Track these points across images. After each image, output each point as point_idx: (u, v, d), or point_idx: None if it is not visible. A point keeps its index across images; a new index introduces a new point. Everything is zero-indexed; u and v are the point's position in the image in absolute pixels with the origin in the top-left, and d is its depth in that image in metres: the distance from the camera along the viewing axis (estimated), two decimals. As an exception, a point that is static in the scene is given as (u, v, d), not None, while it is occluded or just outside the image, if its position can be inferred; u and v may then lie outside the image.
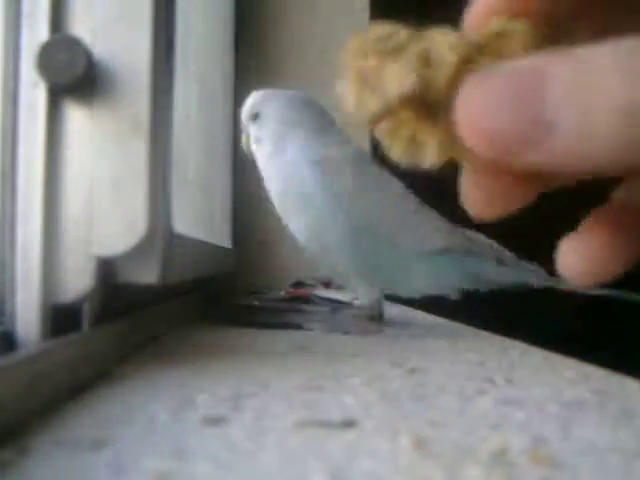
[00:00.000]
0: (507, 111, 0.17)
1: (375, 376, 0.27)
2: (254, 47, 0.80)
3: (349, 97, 0.19)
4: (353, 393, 0.24)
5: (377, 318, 0.47)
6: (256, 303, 0.51)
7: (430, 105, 0.19)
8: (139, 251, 0.27)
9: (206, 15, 0.64)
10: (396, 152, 0.19)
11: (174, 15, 0.31)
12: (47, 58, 0.25)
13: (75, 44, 0.25)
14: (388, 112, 0.19)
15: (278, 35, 0.80)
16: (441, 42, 0.19)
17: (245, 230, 0.77)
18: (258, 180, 0.50)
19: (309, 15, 0.81)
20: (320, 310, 0.47)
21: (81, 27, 0.26)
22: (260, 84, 0.80)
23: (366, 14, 0.81)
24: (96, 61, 0.26)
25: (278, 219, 0.49)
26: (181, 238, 0.36)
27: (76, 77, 0.25)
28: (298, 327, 0.45)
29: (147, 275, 0.27)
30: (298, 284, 0.70)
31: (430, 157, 0.18)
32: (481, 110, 0.17)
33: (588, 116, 0.16)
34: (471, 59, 0.18)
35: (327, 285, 0.70)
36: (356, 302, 0.49)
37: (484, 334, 0.42)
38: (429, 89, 0.18)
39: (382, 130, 0.19)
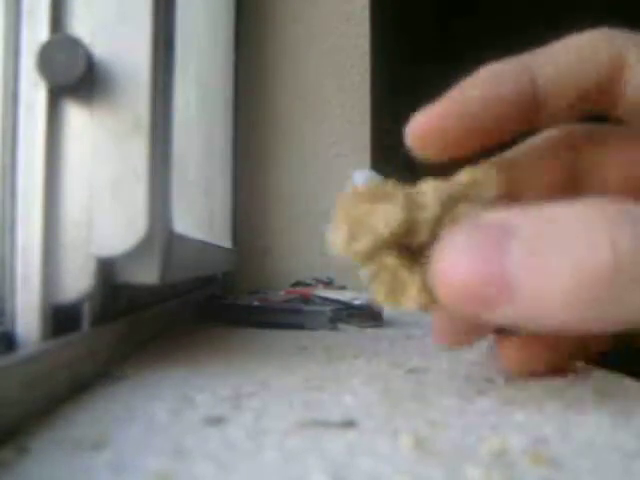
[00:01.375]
0: (472, 270, 0.18)
1: (375, 376, 0.27)
2: (254, 47, 0.80)
3: (338, 238, 0.20)
4: (353, 393, 0.24)
5: (377, 317, 0.47)
6: (256, 303, 0.51)
7: (413, 250, 0.20)
8: (139, 251, 0.27)
9: (206, 15, 0.64)
10: (379, 295, 0.20)
11: (174, 15, 0.31)
12: (47, 58, 0.25)
13: (75, 44, 0.25)
14: (375, 252, 0.20)
15: (278, 35, 0.80)
16: (426, 187, 0.20)
17: (245, 230, 0.77)
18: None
19: (309, 15, 0.81)
20: (320, 310, 0.47)
21: (81, 27, 0.26)
22: (260, 84, 0.80)
23: (366, 14, 0.81)
24: (96, 61, 0.26)
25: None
26: (181, 238, 0.36)
27: (76, 77, 0.25)
28: (298, 327, 0.45)
29: (147, 275, 0.27)
30: (298, 284, 0.70)
31: (410, 302, 0.20)
32: (449, 266, 0.18)
33: (545, 288, 0.17)
34: (451, 206, 0.20)
35: (327, 285, 0.70)
36: (356, 302, 0.49)
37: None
38: (413, 232, 0.20)
39: (367, 274, 0.20)
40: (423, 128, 0.22)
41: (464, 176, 0.20)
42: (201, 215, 0.60)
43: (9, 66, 0.26)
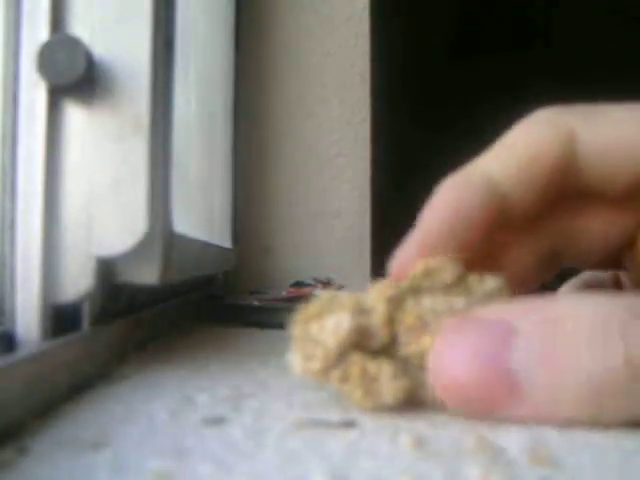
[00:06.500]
0: (477, 370, 0.17)
1: (375, 376, 0.27)
2: (254, 47, 0.80)
3: (295, 361, 0.21)
4: (353, 393, 0.24)
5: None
6: (256, 303, 0.50)
7: (374, 347, 0.21)
8: (139, 251, 0.27)
9: (206, 15, 0.64)
10: (356, 396, 0.20)
11: (174, 15, 0.31)
12: (47, 58, 0.25)
13: (75, 44, 0.25)
14: (330, 365, 0.20)
15: (278, 35, 0.80)
16: (371, 292, 0.21)
17: (245, 230, 0.77)
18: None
19: (309, 15, 0.81)
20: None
21: (81, 27, 0.26)
22: (260, 84, 0.80)
23: (366, 14, 0.81)
24: (96, 61, 0.26)
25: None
26: (181, 238, 0.36)
27: (76, 77, 0.25)
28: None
29: (147, 275, 0.27)
30: (298, 284, 0.70)
31: (387, 392, 0.20)
32: (449, 367, 0.18)
33: (555, 388, 0.17)
34: (401, 301, 0.20)
35: (327, 285, 0.70)
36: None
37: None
38: (369, 336, 0.20)
39: (334, 381, 0.21)
40: (403, 267, 0.22)
41: (418, 268, 0.21)
42: (201, 215, 0.60)
43: (9, 66, 0.26)
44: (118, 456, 0.16)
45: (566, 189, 0.23)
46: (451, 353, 0.18)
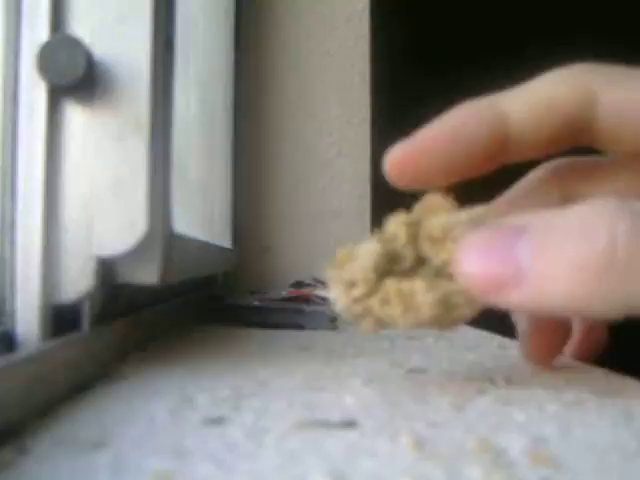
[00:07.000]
0: (489, 260, 0.20)
1: (375, 376, 0.27)
2: (254, 47, 0.80)
3: (337, 294, 0.23)
4: (353, 393, 0.24)
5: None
6: (256, 303, 0.51)
7: (404, 268, 0.22)
8: (139, 251, 0.27)
9: (206, 15, 0.64)
10: (396, 314, 0.22)
11: (174, 15, 0.31)
12: (47, 58, 0.25)
13: (75, 44, 0.25)
14: (370, 290, 0.22)
15: (278, 35, 0.80)
16: (388, 224, 0.23)
17: (245, 230, 0.77)
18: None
19: (309, 15, 0.81)
20: (320, 310, 0.47)
21: (81, 27, 0.26)
22: (260, 84, 0.80)
23: (366, 14, 0.81)
24: (96, 61, 0.26)
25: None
26: (181, 238, 0.36)
27: (76, 77, 0.25)
28: (298, 327, 0.45)
29: (147, 275, 0.27)
30: (298, 284, 0.70)
31: (424, 305, 0.22)
32: (470, 259, 0.20)
33: (550, 272, 0.19)
34: (418, 223, 0.23)
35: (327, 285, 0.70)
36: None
37: (484, 334, 0.42)
38: (398, 260, 0.22)
39: (375, 307, 0.22)
40: (397, 162, 0.24)
41: (416, 206, 0.23)
42: (201, 215, 0.60)
43: (9, 66, 0.26)
44: (118, 456, 0.16)
45: (578, 144, 0.25)
46: (472, 251, 0.20)
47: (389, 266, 0.22)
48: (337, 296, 0.23)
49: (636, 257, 0.18)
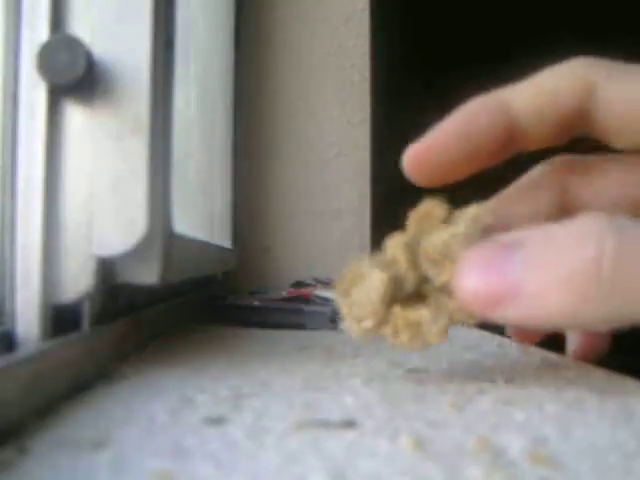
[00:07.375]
0: (485, 277, 0.20)
1: (375, 376, 0.27)
2: (254, 47, 0.80)
3: (350, 328, 0.24)
4: (353, 393, 0.24)
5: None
6: (256, 303, 0.50)
7: (408, 291, 0.23)
8: (139, 251, 0.27)
9: (206, 15, 0.64)
10: (404, 342, 0.23)
11: (174, 15, 0.31)
12: (47, 58, 0.25)
13: (75, 44, 0.25)
14: (380, 320, 0.23)
15: (278, 35, 0.80)
16: (387, 247, 0.24)
17: (245, 230, 0.77)
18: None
19: (309, 15, 0.81)
20: (320, 310, 0.47)
21: (81, 27, 0.26)
22: (260, 84, 0.80)
23: (366, 14, 0.81)
24: (96, 61, 0.26)
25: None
26: (181, 238, 0.36)
27: (76, 77, 0.25)
28: (299, 327, 0.45)
29: (147, 275, 0.27)
30: (298, 284, 0.70)
31: (431, 334, 0.23)
32: (467, 278, 0.21)
33: (542, 288, 0.19)
34: (416, 244, 0.23)
35: (327, 285, 0.70)
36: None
37: (484, 334, 0.42)
38: (401, 283, 0.23)
39: (387, 336, 0.23)
40: (415, 162, 0.25)
41: (411, 217, 0.24)
42: (201, 215, 0.60)
43: (9, 66, 0.26)
44: (118, 456, 0.16)
45: (582, 135, 0.26)
46: (470, 269, 0.21)
47: (394, 289, 0.23)
48: (349, 327, 0.24)
49: (621, 272, 0.18)
